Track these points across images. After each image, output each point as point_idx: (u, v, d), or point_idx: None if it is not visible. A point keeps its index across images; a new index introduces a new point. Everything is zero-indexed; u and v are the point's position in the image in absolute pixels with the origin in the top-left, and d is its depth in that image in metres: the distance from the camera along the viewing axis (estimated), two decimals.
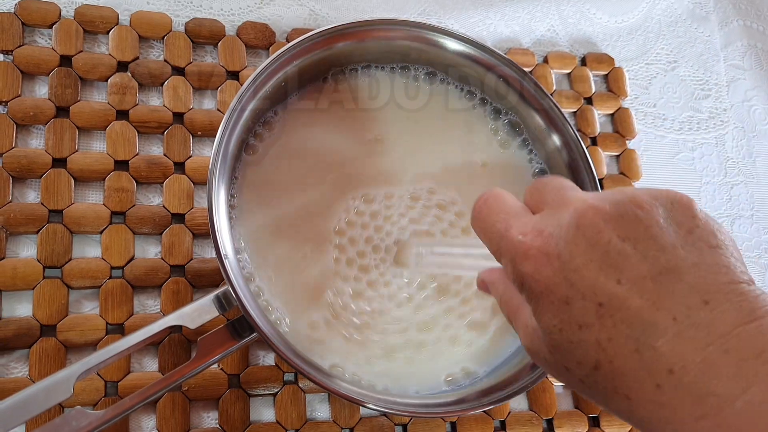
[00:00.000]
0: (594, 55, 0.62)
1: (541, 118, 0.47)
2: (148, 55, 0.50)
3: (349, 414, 0.45)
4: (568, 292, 0.24)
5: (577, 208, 0.25)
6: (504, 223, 0.28)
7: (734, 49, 0.68)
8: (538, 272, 0.25)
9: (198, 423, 0.43)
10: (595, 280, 0.24)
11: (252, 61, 0.52)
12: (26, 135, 0.46)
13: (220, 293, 0.37)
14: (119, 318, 0.43)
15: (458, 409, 0.38)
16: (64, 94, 0.47)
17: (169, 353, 0.43)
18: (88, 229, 0.44)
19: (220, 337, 0.37)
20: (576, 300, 0.24)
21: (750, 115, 0.66)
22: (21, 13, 0.47)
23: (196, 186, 0.48)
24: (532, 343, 0.27)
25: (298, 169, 0.45)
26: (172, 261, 0.45)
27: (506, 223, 0.28)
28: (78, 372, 0.33)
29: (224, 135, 0.39)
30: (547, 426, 0.49)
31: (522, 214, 0.28)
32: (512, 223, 0.28)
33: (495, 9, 0.62)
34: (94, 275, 0.43)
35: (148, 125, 0.48)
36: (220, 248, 0.36)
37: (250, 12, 0.54)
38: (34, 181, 0.45)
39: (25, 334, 0.41)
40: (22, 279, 0.42)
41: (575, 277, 0.24)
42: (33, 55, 0.47)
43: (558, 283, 0.25)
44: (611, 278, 0.24)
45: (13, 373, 0.41)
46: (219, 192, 0.38)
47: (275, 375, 0.45)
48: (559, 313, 0.25)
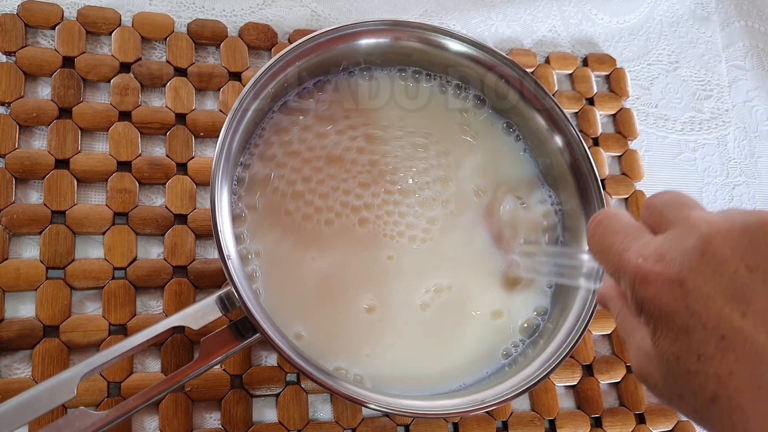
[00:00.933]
0: (596, 56, 0.62)
1: (542, 118, 0.47)
2: (151, 56, 0.50)
3: (352, 415, 0.45)
4: (689, 321, 0.24)
5: (703, 234, 0.24)
6: (622, 244, 0.27)
7: (736, 49, 0.68)
8: (658, 298, 0.25)
9: (200, 424, 0.43)
10: (719, 311, 0.23)
11: (254, 62, 0.53)
12: (29, 136, 0.46)
13: (222, 294, 0.37)
14: (122, 319, 0.43)
15: (460, 410, 0.38)
16: (67, 95, 0.47)
17: (171, 354, 0.44)
18: (90, 229, 0.44)
19: (223, 338, 0.37)
20: (697, 330, 0.23)
21: (752, 116, 0.66)
22: (24, 14, 0.47)
23: (198, 187, 0.48)
24: (644, 366, 0.26)
25: (300, 168, 0.45)
26: (174, 262, 0.45)
27: (624, 245, 0.27)
28: (81, 373, 0.33)
29: (227, 136, 0.39)
30: (549, 426, 0.49)
31: (640, 236, 0.27)
32: (631, 245, 0.27)
33: (496, 10, 0.62)
34: (97, 276, 0.44)
35: (150, 126, 0.48)
36: (222, 249, 0.36)
37: (252, 13, 0.54)
38: (36, 182, 0.45)
39: (28, 335, 0.41)
40: (25, 280, 0.42)
41: (698, 306, 0.23)
42: (36, 57, 0.47)
43: (679, 311, 0.24)
44: (736, 310, 0.23)
45: (16, 373, 0.41)
46: (222, 192, 0.38)
47: (278, 375, 0.45)
48: (678, 342, 0.24)
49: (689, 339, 0.24)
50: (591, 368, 0.51)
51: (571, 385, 0.51)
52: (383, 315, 0.43)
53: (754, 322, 0.22)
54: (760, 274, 0.23)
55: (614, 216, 0.29)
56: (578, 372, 0.51)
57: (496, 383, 0.40)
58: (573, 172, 0.46)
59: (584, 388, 0.51)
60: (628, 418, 0.51)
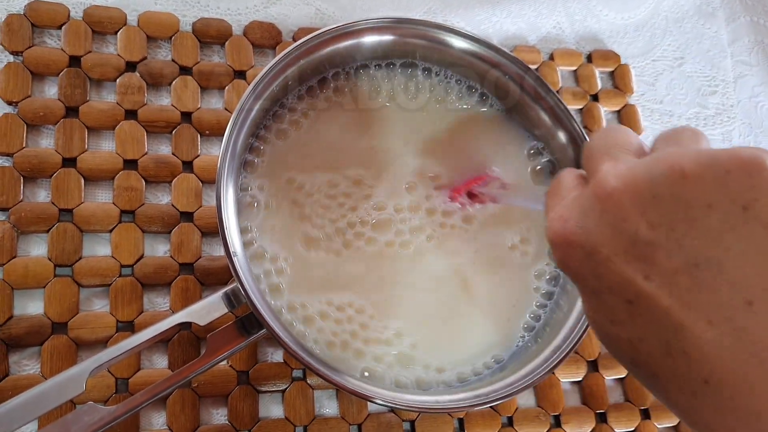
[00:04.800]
0: (600, 52, 0.62)
1: (546, 114, 0.47)
2: (156, 55, 0.50)
3: (357, 410, 0.46)
4: (595, 284, 0.23)
5: (602, 189, 0.22)
6: (551, 205, 0.26)
7: (741, 45, 0.68)
8: (565, 262, 0.24)
9: (207, 419, 0.44)
10: (622, 274, 0.21)
11: (259, 60, 0.53)
12: (36, 135, 0.46)
13: (228, 290, 0.38)
14: (129, 315, 0.44)
15: (465, 404, 0.38)
16: (74, 95, 0.47)
17: (178, 350, 0.44)
18: (97, 227, 0.45)
19: (229, 334, 0.37)
20: (604, 294, 0.22)
21: (757, 112, 0.66)
22: (30, 14, 0.47)
23: (204, 185, 0.48)
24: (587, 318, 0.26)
25: (306, 165, 0.45)
26: (181, 259, 0.46)
27: (551, 205, 0.26)
28: (90, 368, 0.34)
29: (232, 133, 0.40)
30: (554, 422, 0.50)
31: (566, 195, 0.26)
32: (552, 204, 0.26)
33: (501, 6, 0.62)
34: (104, 273, 0.44)
35: (156, 125, 0.48)
36: (228, 245, 0.36)
37: (256, 11, 0.54)
38: (44, 181, 0.45)
39: (36, 332, 0.42)
40: (34, 277, 0.43)
41: (601, 269, 0.22)
42: (42, 56, 0.47)
43: (585, 275, 0.23)
44: (639, 273, 0.21)
45: (25, 370, 0.42)
46: (227, 190, 0.39)
47: (284, 371, 0.45)
48: (593, 305, 0.23)
49: (601, 303, 0.23)
50: (596, 364, 0.52)
51: (577, 380, 0.51)
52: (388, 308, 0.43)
53: (658, 284, 0.21)
54: (663, 230, 0.21)
55: (562, 175, 0.28)
56: (583, 367, 0.51)
57: (500, 378, 0.40)
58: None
59: (589, 383, 0.51)
60: (633, 414, 0.51)
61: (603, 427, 0.50)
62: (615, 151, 0.24)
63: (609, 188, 0.22)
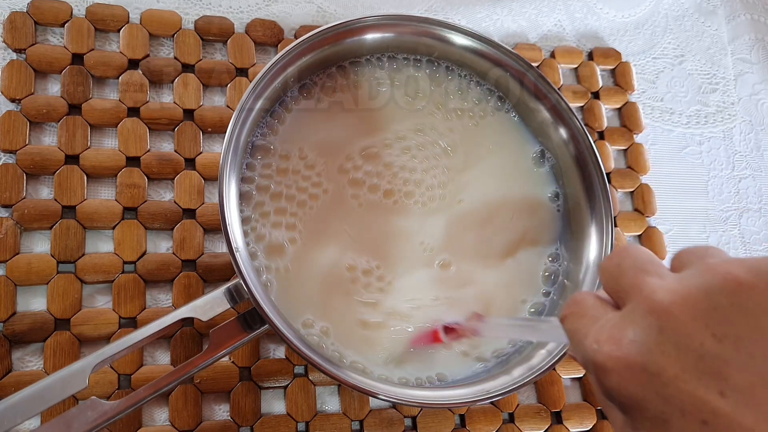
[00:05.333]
0: (601, 50, 0.62)
1: (547, 111, 0.48)
2: (159, 53, 0.51)
3: (359, 406, 0.46)
4: (663, 409, 0.21)
5: (659, 306, 0.21)
6: (584, 329, 0.24)
7: (742, 42, 0.68)
8: (623, 387, 0.22)
9: (210, 415, 0.44)
10: (693, 392, 0.20)
11: (261, 57, 0.53)
12: (39, 132, 0.47)
13: (231, 286, 0.38)
14: (132, 312, 0.44)
15: (466, 400, 0.38)
16: (76, 92, 0.47)
17: (181, 347, 0.44)
18: (100, 224, 0.45)
19: (232, 329, 0.37)
20: (675, 418, 0.21)
21: (758, 109, 0.66)
22: (33, 12, 0.48)
23: (206, 182, 0.48)
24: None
25: (307, 162, 0.45)
26: (183, 256, 0.46)
27: (585, 330, 0.24)
28: (93, 363, 0.34)
29: (234, 130, 0.40)
30: (555, 419, 0.50)
31: (601, 315, 0.24)
32: (590, 329, 0.24)
33: (502, 4, 0.62)
34: (107, 270, 0.44)
35: (158, 122, 0.48)
36: (231, 241, 0.37)
37: (258, 9, 0.54)
38: (47, 178, 0.46)
39: (39, 328, 0.42)
40: (37, 274, 0.43)
41: (669, 391, 0.20)
42: (45, 54, 0.47)
43: (649, 399, 0.21)
44: (713, 390, 0.20)
45: (28, 366, 0.42)
46: (230, 186, 0.39)
47: (286, 368, 0.45)
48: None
49: (668, 428, 0.21)
50: None
51: (577, 377, 0.51)
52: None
53: (735, 401, 0.19)
54: (730, 342, 0.20)
55: (582, 297, 0.26)
56: None
57: (501, 374, 0.41)
58: (578, 164, 0.46)
59: (590, 380, 0.51)
60: None
61: (604, 424, 0.50)
62: (650, 268, 0.23)
63: (666, 303, 0.21)
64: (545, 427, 0.49)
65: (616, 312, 0.24)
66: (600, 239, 0.45)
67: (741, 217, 0.62)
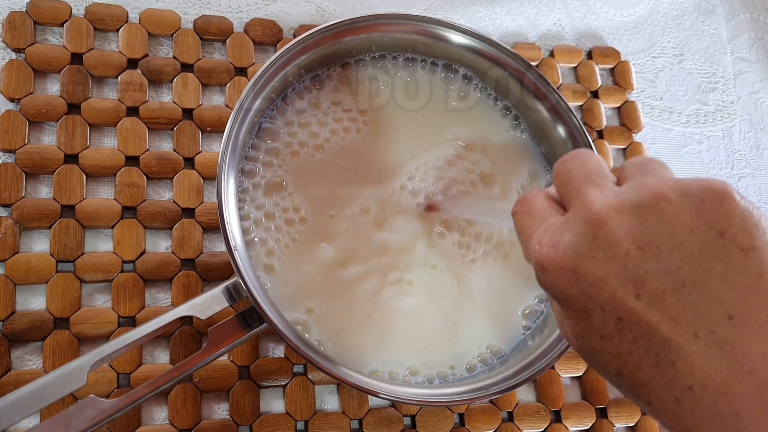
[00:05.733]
0: (600, 49, 0.62)
1: (546, 110, 0.48)
2: (158, 53, 0.51)
3: (358, 405, 0.46)
4: (586, 303, 0.24)
5: (594, 215, 0.24)
6: (530, 229, 0.28)
7: (741, 41, 0.68)
8: (555, 284, 0.25)
9: (209, 414, 0.44)
10: (613, 293, 0.23)
11: (260, 57, 0.53)
12: (38, 132, 0.47)
13: (230, 284, 0.38)
14: (131, 311, 0.44)
15: (465, 398, 0.39)
16: (76, 92, 0.47)
17: (180, 345, 0.44)
18: (99, 223, 0.45)
19: (231, 328, 0.38)
20: (595, 312, 0.24)
21: (757, 108, 0.66)
22: (33, 11, 0.48)
23: (205, 181, 0.48)
24: (566, 335, 0.27)
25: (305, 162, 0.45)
26: (182, 255, 0.46)
27: (531, 230, 0.27)
28: (92, 361, 0.34)
29: (233, 129, 0.40)
30: (554, 417, 0.50)
31: (547, 218, 0.27)
32: (536, 229, 0.27)
33: (501, 4, 0.62)
34: (106, 269, 0.44)
35: (158, 121, 0.48)
36: (229, 240, 0.37)
37: (257, 9, 0.55)
38: (46, 177, 0.46)
39: (38, 327, 0.42)
40: (36, 273, 0.43)
41: (593, 290, 0.24)
42: (45, 53, 0.47)
43: (576, 295, 0.24)
44: (630, 292, 0.23)
45: (27, 365, 0.42)
46: (228, 185, 0.39)
47: (285, 367, 0.45)
48: (581, 322, 0.25)
49: (590, 320, 0.24)
50: None
51: (577, 375, 0.51)
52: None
53: (647, 303, 0.23)
54: (652, 252, 0.23)
55: (533, 197, 0.29)
56: (583, 363, 0.51)
57: (499, 372, 0.41)
58: None
59: (590, 378, 0.51)
60: (634, 409, 0.51)
61: (603, 423, 0.50)
62: (595, 178, 0.26)
63: (601, 215, 0.24)
64: (544, 426, 0.49)
65: (559, 217, 0.27)
66: None
67: None
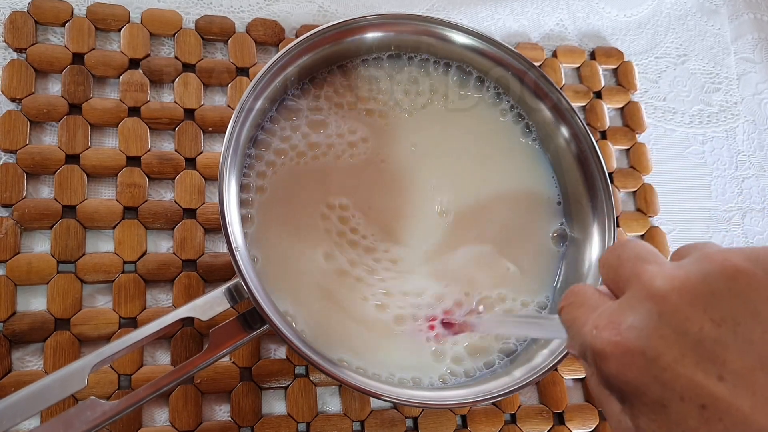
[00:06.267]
0: (603, 49, 0.62)
1: (549, 110, 0.47)
2: (159, 53, 0.51)
3: (360, 407, 0.46)
4: (662, 394, 0.21)
5: (657, 291, 0.22)
6: (582, 317, 0.25)
7: (745, 42, 0.68)
8: (621, 373, 0.22)
9: (210, 416, 0.44)
10: (691, 377, 0.20)
11: (262, 57, 0.53)
12: (40, 132, 0.46)
13: (231, 285, 0.38)
14: (132, 312, 0.44)
15: (468, 401, 0.38)
16: (77, 92, 0.47)
17: (181, 347, 0.44)
18: (101, 224, 0.45)
19: (232, 329, 0.37)
20: (674, 403, 0.21)
21: (761, 108, 0.66)
22: (34, 11, 0.48)
23: (207, 181, 0.48)
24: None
25: (306, 163, 0.45)
26: (183, 255, 0.46)
27: (584, 318, 0.25)
28: (92, 363, 0.34)
29: (234, 129, 0.40)
30: (557, 419, 0.49)
31: (600, 304, 0.25)
32: (589, 317, 0.24)
33: (503, 4, 0.62)
34: (107, 270, 0.44)
35: (159, 122, 0.48)
36: (231, 241, 0.36)
37: (259, 9, 0.54)
38: (47, 177, 0.45)
39: (39, 328, 0.42)
40: (37, 273, 0.43)
41: (667, 376, 0.21)
42: (46, 53, 0.47)
43: (648, 384, 0.21)
44: (711, 374, 0.20)
45: (28, 366, 0.42)
46: (230, 186, 0.39)
47: (286, 368, 0.45)
48: (657, 418, 0.21)
49: (667, 413, 0.21)
50: None
51: (580, 378, 0.51)
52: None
53: (733, 385, 0.19)
54: (728, 326, 0.20)
55: (581, 287, 0.27)
56: None
57: (502, 375, 0.40)
58: (579, 163, 0.46)
59: (586, 371, 0.50)
60: None
61: (606, 425, 0.50)
62: (649, 257, 0.24)
63: (664, 289, 0.21)
64: (547, 428, 0.49)
65: (615, 301, 0.24)
66: (602, 239, 0.45)
67: (744, 217, 0.61)
